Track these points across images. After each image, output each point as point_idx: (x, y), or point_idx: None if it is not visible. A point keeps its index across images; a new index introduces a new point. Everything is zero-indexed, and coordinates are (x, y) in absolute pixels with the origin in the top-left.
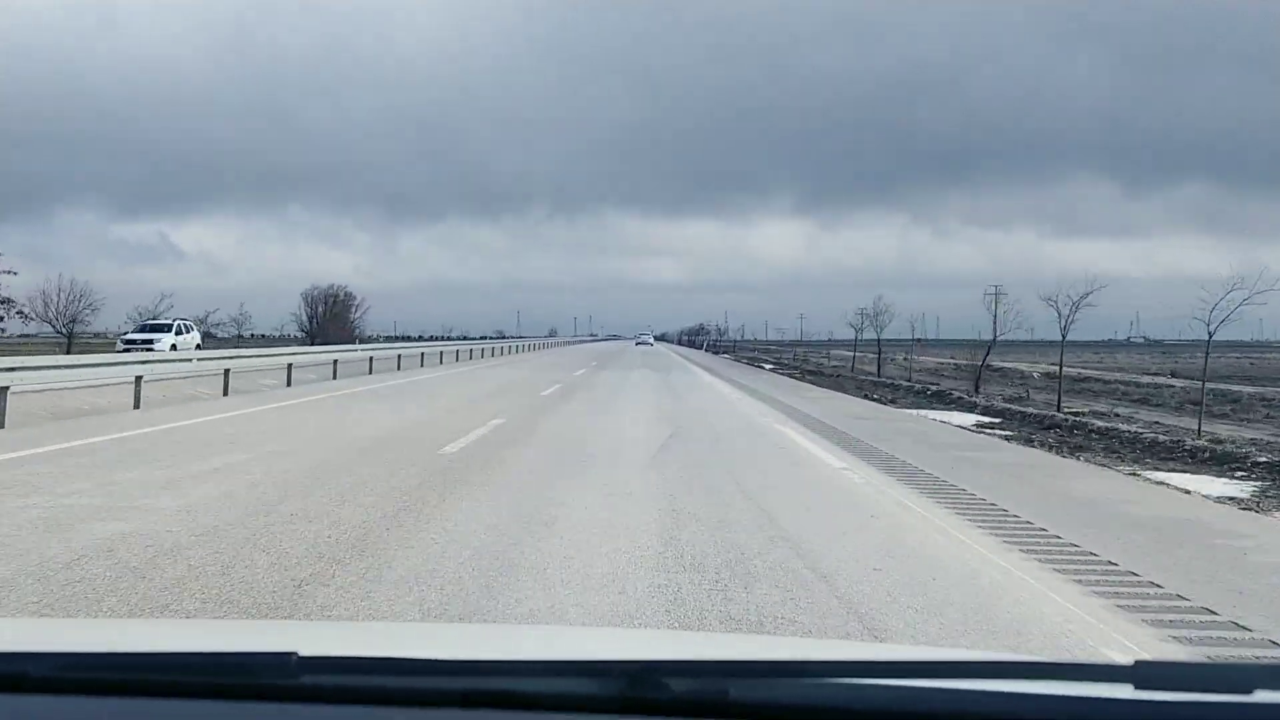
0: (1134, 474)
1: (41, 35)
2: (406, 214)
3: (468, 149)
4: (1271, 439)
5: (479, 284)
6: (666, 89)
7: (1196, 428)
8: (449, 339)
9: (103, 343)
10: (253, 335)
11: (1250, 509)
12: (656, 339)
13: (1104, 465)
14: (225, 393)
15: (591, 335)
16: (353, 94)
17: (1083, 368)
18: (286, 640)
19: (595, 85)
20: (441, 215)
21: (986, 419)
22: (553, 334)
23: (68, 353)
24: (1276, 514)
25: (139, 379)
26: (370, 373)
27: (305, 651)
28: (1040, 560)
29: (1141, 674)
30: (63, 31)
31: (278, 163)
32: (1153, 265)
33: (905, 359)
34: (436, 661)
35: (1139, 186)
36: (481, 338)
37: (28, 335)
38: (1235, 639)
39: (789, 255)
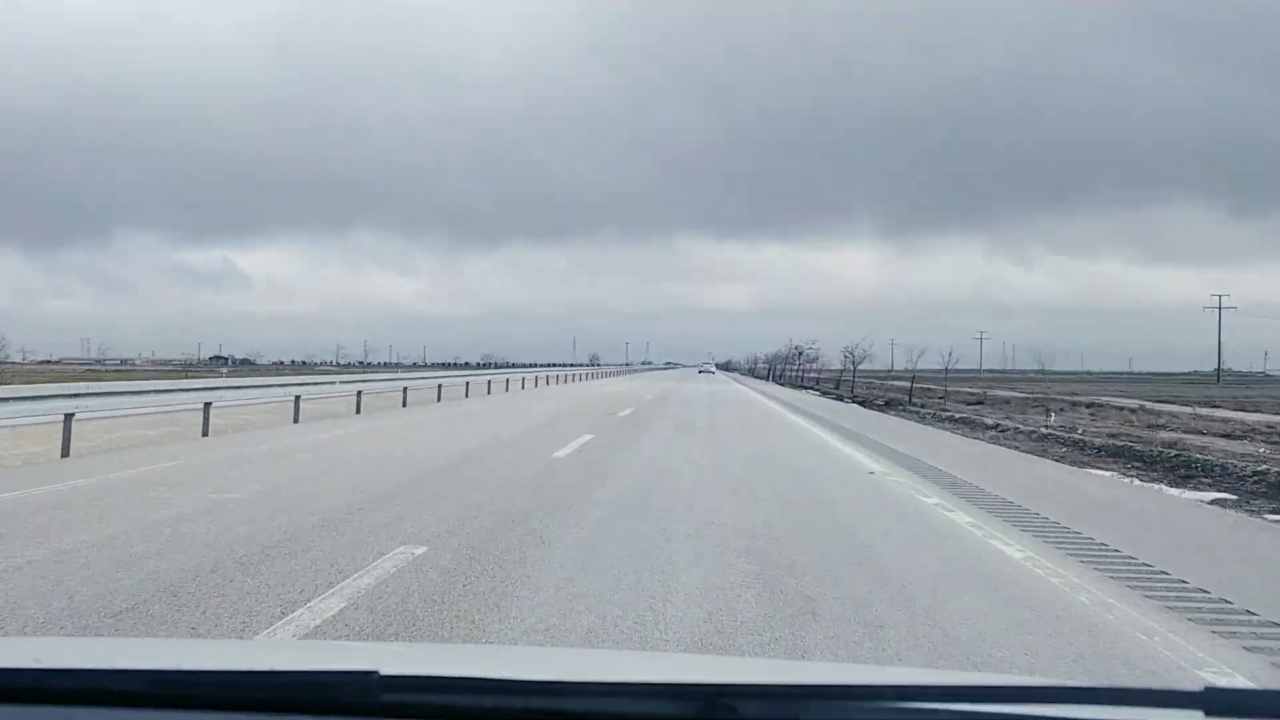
0: None
1: (94, 47)
2: (471, 237)
3: (534, 169)
4: None
5: (542, 309)
6: (741, 106)
7: None
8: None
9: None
10: None
11: None
12: (721, 368)
13: None
14: None
15: (645, 364)
16: (417, 109)
17: None
18: (367, 659)
19: (666, 101)
20: (506, 238)
21: None
22: (594, 361)
23: None
24: None
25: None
26: None
27: (386, 670)
28: None
29: (1212, 700)
30: (118, 46)
31: (342, 182)
32: (1249, 294)
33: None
34: (518, 682)
35: (1239, 210)
36: (425, 365)
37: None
38: None
39: (861, 281)
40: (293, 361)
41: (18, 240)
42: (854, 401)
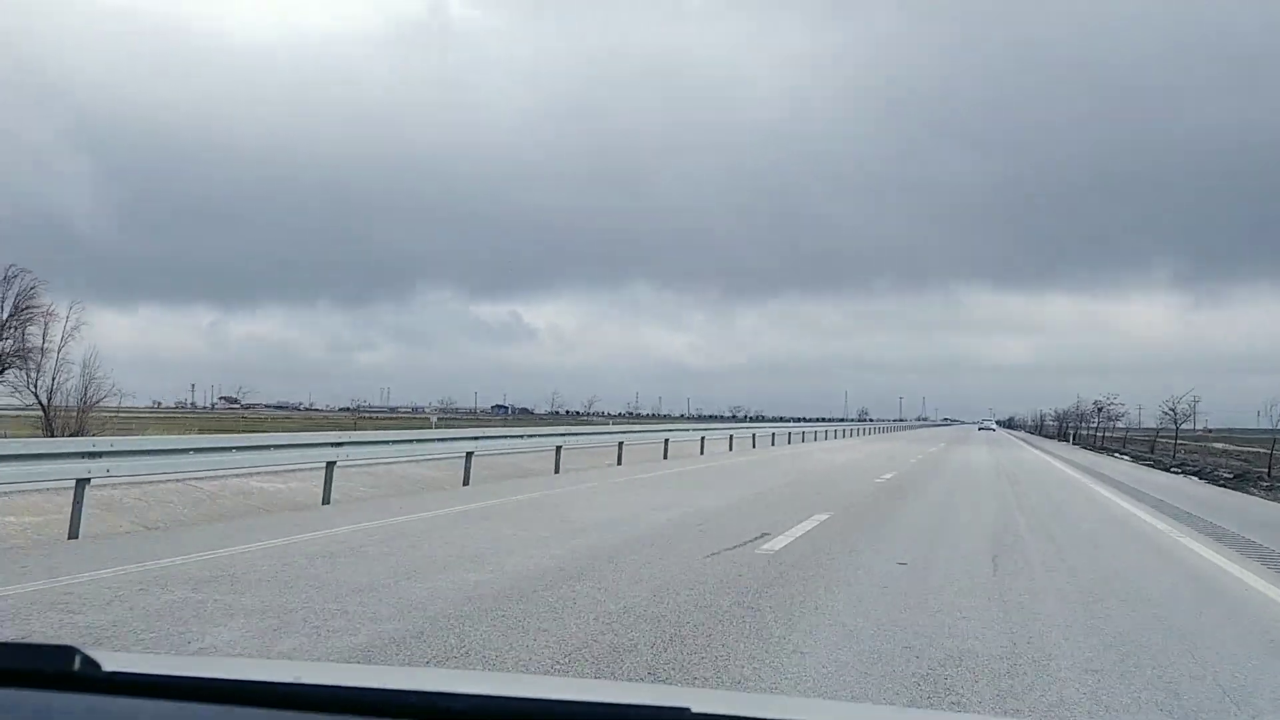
0: None
1: (390, 112)
2: (743, 290)
3: (809, 221)
4: None
5: (813, 362)
6: (1027, 151)
7: None
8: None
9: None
10: None
11: None
12: (1002, 425)
13: None
14: None
15: (921, 419)
16: (692, 163)
17: None
18: (680, 698)
19: (947, 148)
20: (779, 291)
21: None
22: (863, 416)
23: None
24: None
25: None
26: None
27: (698, 709)
28: None
29: None
30: (413, 109)
31: (623, 239)
32: None
33: None
34: None
35: None
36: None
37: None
38: None
39: (1153, 334)
40: (567, 411)
41: (334, 298)
42: (1188, 473)
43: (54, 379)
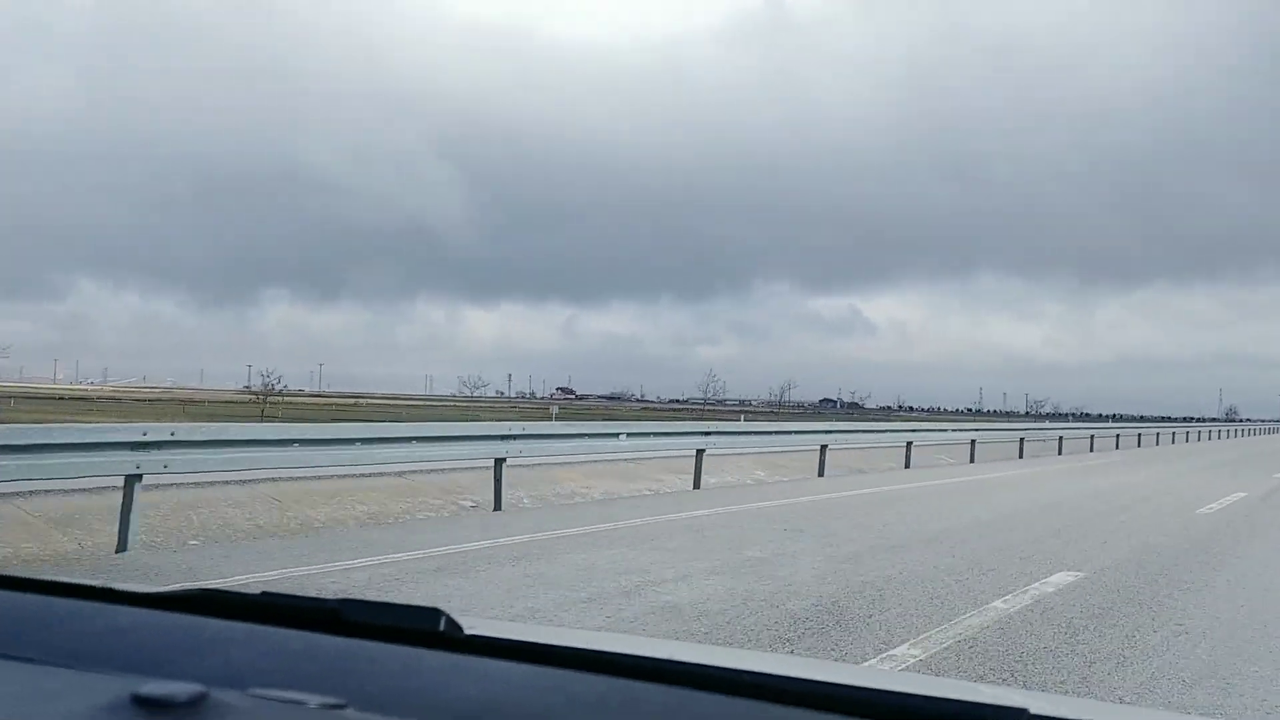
0: None
1: (727, 109)
2: (1103, 278)
3: (1180, 201)
4: None
5: (1183, 357)
6: None
7: None
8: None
9: None
10: None
11: None
12: None
13: None
14: None
15: None
16: (1041, 143)
17: None
18: (1016, 699)
19: None
20: (1146, 279)
21: None
22: (1230, 415)
23: None
24: None
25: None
26: None
27: (1035, 709)
28: None
29: None
30: (749, 104)
31: (965, 226)
32: None
33: None
34: None
35: None
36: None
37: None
38: None
39: None
40: (899, 406)
41: (676, 293)
42: None
43: None
